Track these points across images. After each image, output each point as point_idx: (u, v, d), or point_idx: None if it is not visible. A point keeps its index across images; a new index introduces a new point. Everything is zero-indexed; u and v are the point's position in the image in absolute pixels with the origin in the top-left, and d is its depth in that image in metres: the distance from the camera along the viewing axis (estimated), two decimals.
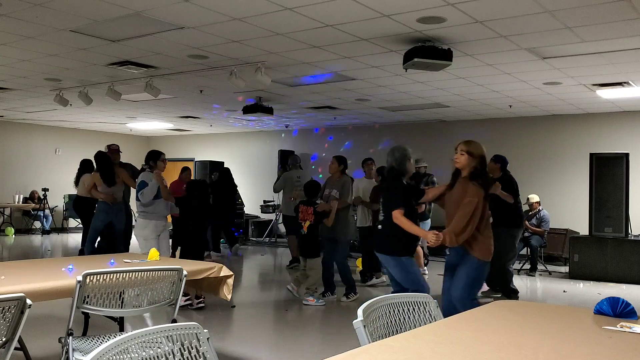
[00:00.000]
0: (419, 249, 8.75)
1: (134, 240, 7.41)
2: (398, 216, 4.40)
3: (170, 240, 9.49)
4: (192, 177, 10.46)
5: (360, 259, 9.10)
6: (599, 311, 2.45)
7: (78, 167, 9.41)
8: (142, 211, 6.29)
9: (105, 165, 7.66)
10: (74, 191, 9.69)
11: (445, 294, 4.37)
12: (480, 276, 4.32)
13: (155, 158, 6.39)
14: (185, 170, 9.64)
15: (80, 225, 11.98)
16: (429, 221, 8.62)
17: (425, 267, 8.97)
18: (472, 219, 4.12)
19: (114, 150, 8.30)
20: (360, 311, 2.16)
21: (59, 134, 15.51)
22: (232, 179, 11.13)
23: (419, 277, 4.57)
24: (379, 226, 4.66)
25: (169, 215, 7.42)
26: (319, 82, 8.61)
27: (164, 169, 6.44)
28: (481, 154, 4.30)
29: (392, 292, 4.43)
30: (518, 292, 7.13)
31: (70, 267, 3.51)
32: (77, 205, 9.35)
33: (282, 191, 10.01)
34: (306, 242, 6.54)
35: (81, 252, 9.32)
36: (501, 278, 7.00)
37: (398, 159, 4.65)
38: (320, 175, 14.12)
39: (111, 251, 7.36)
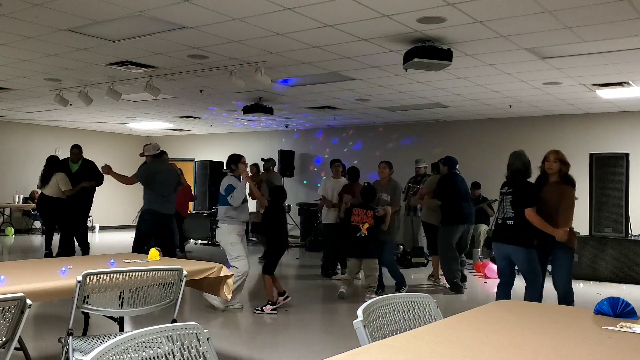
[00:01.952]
0: None
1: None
2: (532, 214, 4.91)
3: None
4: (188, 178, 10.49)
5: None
6: (599, 311, 2.45)
7: (45, 163, 8.84)
8: (227, 217, 6.06)
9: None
10: None
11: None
12: (573, 262, 5.07)
13: (236, 161, 6.20)
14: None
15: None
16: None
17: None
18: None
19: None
20: (360, 311, 2.16)
21: (58, 134, 15.52)
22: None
23: (539, 269, 5.05)
24: (508, 222, 5.07)
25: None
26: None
27: (245, 171, 6.25)
28: (567, 160, 5.07)
29: (501, 282, 5.27)
30: (461, 286, 7.55)
31: (65, 268, 3.44)
32: (46, 205, 8.71)
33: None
34: (365, 243, 6.64)
35: (48, 256, 8.66)
36: (444, 272, 7.62)
37: (526, 163, 5.22)
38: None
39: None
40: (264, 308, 6.00)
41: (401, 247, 10.10)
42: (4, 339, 2.51)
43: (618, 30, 5.66)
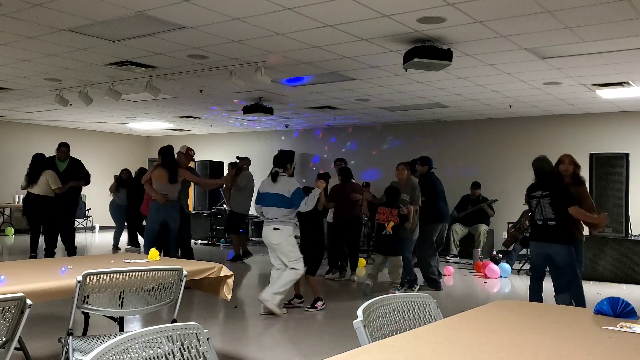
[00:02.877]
0: None
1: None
2: (577, 210, 5.35)
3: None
4: None
5: (363, 259, 9.41)
6: (599, 311, 2.45)
7: (30, 162, 8.61)
8: (289, 218, 5.89)
9: (173, 162, 7.36)
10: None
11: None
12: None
13: (291, 160, 6.07)
14: None
15: (83, 225, 12.00)
16: None
17: None
18: None
19: (189, 155, 7.88)
20: (360, 311, 2.16)
21: (59, 134, 15.50)
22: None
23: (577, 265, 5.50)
24: (550, 222, 5.45)
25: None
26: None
27: (292, 172, 6.17)
28: (578, 163, 5.66)
29: (535, 277, 5.73)
30: (439, 282, 7.82)
31: (65, 268, 3.47)
32: (35, 204, 8.42)
33: (232, 189, 9.84)
34: (390, 241, 6.98)
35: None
36: (421, 268, 7.85)
37: (552, 166, 5.64)
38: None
39: (165, 252, 6.98)
40: (315, 305, 6.17)
41: None
42: (4, 339, 2.51)
43: (618, 30, 5.65)
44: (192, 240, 13.20)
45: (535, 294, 5.71)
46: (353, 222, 8.31)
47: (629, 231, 8.71)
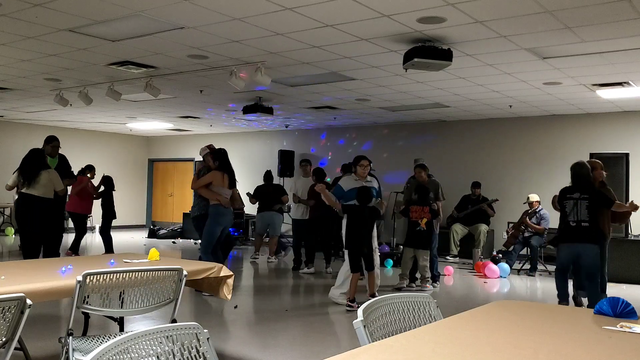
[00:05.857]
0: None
1: None
2: (618, 204, 6.05)
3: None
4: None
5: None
6: (599, 311, 2.45)
7: (25, 157, 7.70)
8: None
9: (229, 165, 6.97)
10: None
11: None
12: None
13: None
14: (92, 169, 9.70)
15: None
16: None
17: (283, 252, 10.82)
18: None
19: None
20: (360, 311, 2.16)
21: (59, 134, 15.40)
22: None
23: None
24: (584, 224, 5.80)
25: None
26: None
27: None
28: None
29: (561, 271, 6.10)
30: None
31: (65, 268, 3.46)
32: (33, 207, 7.38)
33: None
34: (424, 236, 7.47)
35: None
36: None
37: (591, 172, 6.02)
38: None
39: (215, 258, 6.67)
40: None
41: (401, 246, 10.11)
42: (4, 339, 2.51)
43: (618, 30, 5.65)
44: (193, 241, 13.31)
45: (564, 291, 6.13)
46: (326, 219, 8.64)
47: (629, 231, 8.71)
